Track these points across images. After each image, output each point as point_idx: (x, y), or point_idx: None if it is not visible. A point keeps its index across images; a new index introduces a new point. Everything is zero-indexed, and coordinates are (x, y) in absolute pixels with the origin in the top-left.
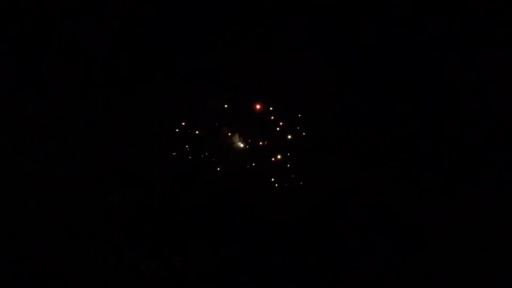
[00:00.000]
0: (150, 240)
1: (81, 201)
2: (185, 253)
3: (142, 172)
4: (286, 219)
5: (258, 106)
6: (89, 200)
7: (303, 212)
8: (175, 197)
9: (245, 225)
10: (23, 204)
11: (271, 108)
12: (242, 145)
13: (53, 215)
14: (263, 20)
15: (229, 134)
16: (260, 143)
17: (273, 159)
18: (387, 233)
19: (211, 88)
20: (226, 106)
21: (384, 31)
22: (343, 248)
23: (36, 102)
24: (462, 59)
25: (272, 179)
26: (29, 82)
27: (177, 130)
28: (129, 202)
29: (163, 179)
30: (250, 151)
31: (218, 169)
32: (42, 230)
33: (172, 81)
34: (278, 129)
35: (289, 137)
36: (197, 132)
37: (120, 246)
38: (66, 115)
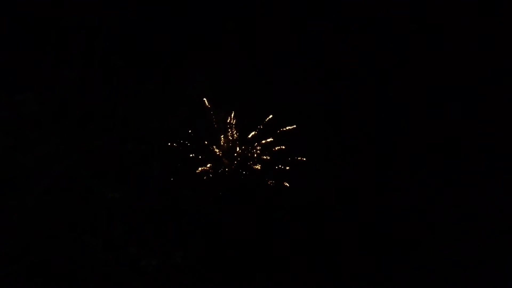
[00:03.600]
0: (150, 236)
1: (82, 198)
2: (186, 249)
3: (142, 169)
4: (285, 217)
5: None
6: (89, 196)
7: (301, 211)
8: (175, 193)
9: (245, 222)
10: (23, 200)
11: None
12: (241, 144)
13: (53, 211)
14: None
15: (228, 132)
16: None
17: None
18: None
19: (208, 86)
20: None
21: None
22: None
23: (36, 99)
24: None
25: (272, 179)
26: (29, 80)
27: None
28: (130, 198)
29: (163, 175)
30: (248, 150)
31: (217, 166)
32: (42, 226)
33: (170, 78)
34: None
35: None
36: (196, 129)
37: (120, 242)
38: (66, 112)
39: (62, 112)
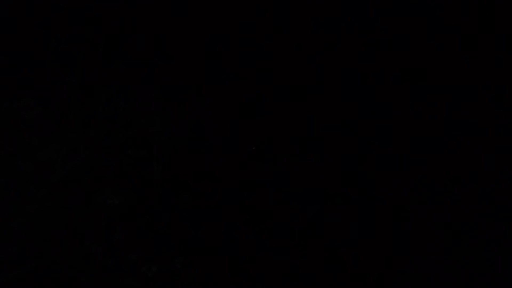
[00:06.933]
0: (150, 243)
1: (82, 203)
2: (186, 255)
3: (142, 174)
4: (287, 220)
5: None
6: (89, 202)
7: (304, 213)
8: (175, 198)
9: (246, 226)
10: (23, 206)
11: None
12: (240, 146)
13: (53, 217)
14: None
15: (228, 134)
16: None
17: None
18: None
19: (211, 87)
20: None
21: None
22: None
23: (35, 104)
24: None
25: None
26: (28, 84)
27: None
28: (130, 204)
29: (164, 181)
30: (249, 151)
31: (218, 170)
32: (42, 232)
33: (171, 81)
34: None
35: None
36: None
37: (120, 249)
38: (66, 117)
39: (62, 118)
